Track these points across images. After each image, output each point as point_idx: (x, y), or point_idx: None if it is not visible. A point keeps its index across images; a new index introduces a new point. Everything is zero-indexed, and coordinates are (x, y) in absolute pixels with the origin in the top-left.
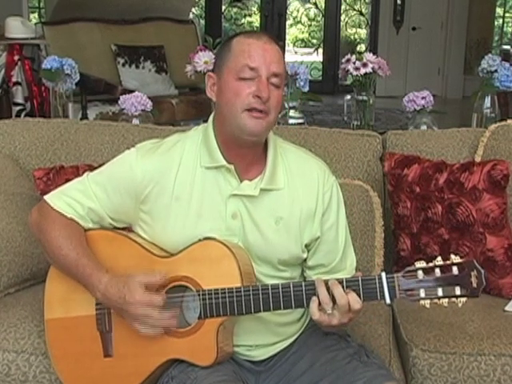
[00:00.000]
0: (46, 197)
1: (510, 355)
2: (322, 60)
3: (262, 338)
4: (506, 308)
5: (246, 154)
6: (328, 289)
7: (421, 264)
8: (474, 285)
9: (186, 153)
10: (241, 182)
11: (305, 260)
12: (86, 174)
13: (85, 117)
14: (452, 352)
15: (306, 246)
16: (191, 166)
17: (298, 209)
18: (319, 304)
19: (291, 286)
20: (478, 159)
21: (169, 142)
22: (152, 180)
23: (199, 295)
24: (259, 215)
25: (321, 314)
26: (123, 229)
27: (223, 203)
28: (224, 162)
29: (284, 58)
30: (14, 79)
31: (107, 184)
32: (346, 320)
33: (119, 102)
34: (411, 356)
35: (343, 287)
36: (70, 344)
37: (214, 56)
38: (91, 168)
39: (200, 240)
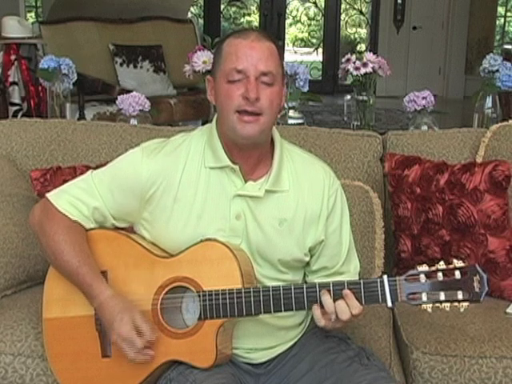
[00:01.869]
0: (48, 195)
1: (511, 358)
2: (321, 60)
3: (262, 341)
4: (508, 310)
5: (250, 155)
6: (333, 298)
7: (423, 268)
8: (477, 289)
9: (192, 153)
10: (245, 182)
11: (308, 264)
12: (89, 172)
13: (82, 117)
14: (453, 354)
15: (310, 249)
16: (196, 167)
17: (303, 211)
18: (322, 309)
19: (292, 287)
20: (479, 160)
21: (174, 142)
22: (157, 180)
23: (199, 296)
24: (263, 216)
25: (325, 319)
26: (123, 229)
27: (227, 204)
28: (229, 162)
29: (279, 53)
30: (10, 79)
31: (111, 183)
32: (349, 321)
33: (117, 102)
34: (412, 358)
35: (345, 290)
36: (67, 344)
37: (212, 56)
38: (89, 169)
39: (201, 241)
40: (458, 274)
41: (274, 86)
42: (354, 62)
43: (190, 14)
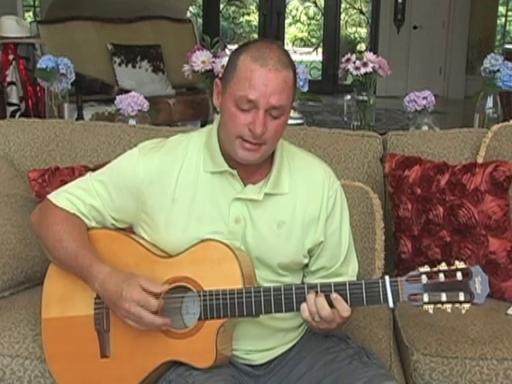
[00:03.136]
0: (49, 196)
1: None
2: (321, 59)
3: (261, 342)
4: (509, 311)
5: (248, 165)
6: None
7: (425, 269)
8: (478, 291)
9: (189, 155)
10: (245, 185)
11: (307, 265)
12: (88, 174)
13: (80, 117)
14: (454, 356)
15: (309, 251)
16: (193, 169)
17: (302, 213)
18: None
19: (293, 287)
20: (480, 160)
21: (172, 142)
22: (153, 180)
23: (200, 296)
24: (262, 219)
25: (313, 322)
26: (124, 229)
27: (226, 207)
28: (227, 167)
29: (294, 79)
30: (8, 79)
31: (109, 183)
32: (334, 325)
33: (115, 102)
34: (412, 360)
35: (346, 290)
36: (66, 344)
37: (211, 55)
38: (87, 169)
39: (202, 241)
40: (459, 275)
41: (281, 118)
42: (354, 62)
43: (189, 14)
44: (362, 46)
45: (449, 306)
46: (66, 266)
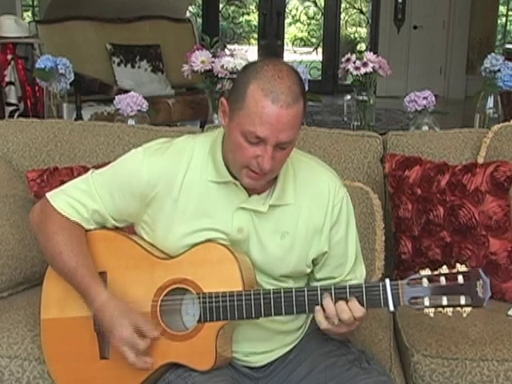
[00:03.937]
0: (48, 196)
1: None
2: (321, 59)
3: (261, 345)
4: (509, 312)
5: None
6: (334, 302)
7: (426, 272)
8: (480, 294)
9: (194, 160)
10: (249, 195)
11: (312, 272)
12: (90, 172)
13: (79, 117)
14: (454, 357)
15: (314, 260)
16: (198, 174)
17: (305, 223)
18: (324, 312)
19: (293, 291)
20: (480, 160)
21: (178, 145)
22: (158, 183)
23: (199, 298)
24: (265, 230)
25: (328, 323)
26: (123, 230)
27: (230, 216)
28: (230, 178)
29: (304, 108)
30: (7, 79)
31: (111, 185)
32: (354, 327)
33: (114, 102)
34: (412, 361)
35: (346, 293)
36: (66, 345)
37: (211, 55)
38: (86, 169)
39: (202, 242)
40: (460, 278)
41: (288, 147)
42: (354, 62)
43: (188, 14)
44: (361, 46)
45: (450, 309)
46: (63, 276)
